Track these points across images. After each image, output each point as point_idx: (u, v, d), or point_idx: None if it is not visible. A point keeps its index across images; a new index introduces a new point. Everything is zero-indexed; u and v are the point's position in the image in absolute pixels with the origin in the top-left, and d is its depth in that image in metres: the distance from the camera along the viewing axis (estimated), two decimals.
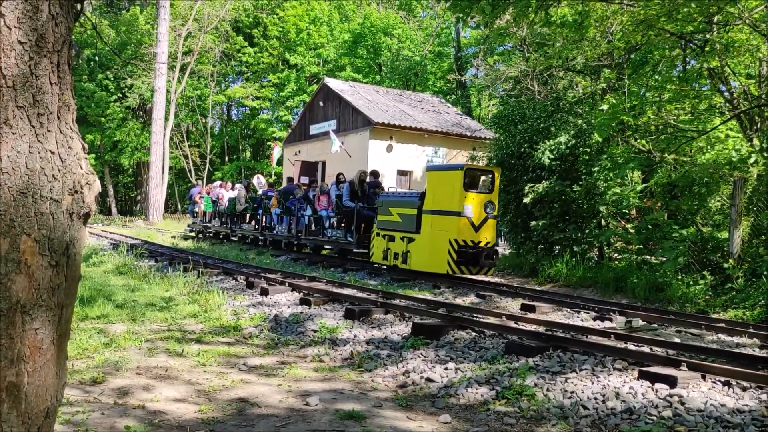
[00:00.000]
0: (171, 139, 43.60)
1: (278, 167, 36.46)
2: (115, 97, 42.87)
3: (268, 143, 44.54)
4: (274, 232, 18.79)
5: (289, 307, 8.68)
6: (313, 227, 16.80)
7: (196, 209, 25.80)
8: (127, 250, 14.66)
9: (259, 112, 47.03)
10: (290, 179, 21.86)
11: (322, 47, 43.37)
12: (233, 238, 21.54)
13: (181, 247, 19.43)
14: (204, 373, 5.44)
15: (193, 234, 24.97)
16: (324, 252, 16.59)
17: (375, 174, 16.24)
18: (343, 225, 15.62)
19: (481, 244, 11.57)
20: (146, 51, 40.85)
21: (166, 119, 39.09)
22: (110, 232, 26.07)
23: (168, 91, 39.33)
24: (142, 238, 22.67)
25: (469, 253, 11.44)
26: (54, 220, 1.82)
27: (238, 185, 23.94)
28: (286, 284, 10.12)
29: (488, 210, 11.69)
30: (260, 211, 19.92)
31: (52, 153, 1.82)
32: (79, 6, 2.04)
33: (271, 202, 19.21)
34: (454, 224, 11.44)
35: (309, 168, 25.80)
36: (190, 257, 13.31)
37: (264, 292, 9.65)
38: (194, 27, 41.57)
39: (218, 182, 27.35)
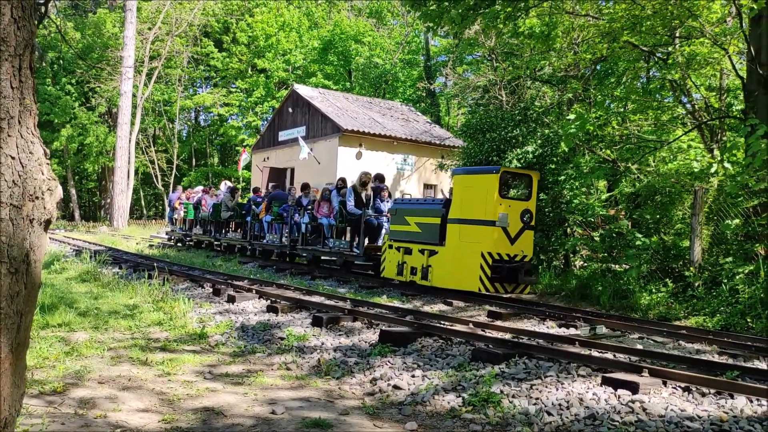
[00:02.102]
0: (137, 144, 43.00)
1: (246, 173, 36.21)
2: (79, 102, 42.10)
3: (237, 149, 44.21)
4: (265, 241, 17.39)
5: (256, 314, 8.61)
6: (309, 236, 15.58)
7: (175, 216, 24.02)
8: (91, 257, 14.40)
9: (227, 119, 46.65)
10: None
11: (290, 53, 43.26)
12: (217, 248, 20.09)
13: (147, 253, 19.14)
14: (169, 382, 5.36)
15: (171, 243, 23.52)
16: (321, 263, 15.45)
17: (380, 178, 14.66)
18: (345, 235, 14.49)
19: (518, 258, 10.26)
20: (113, 54, 40.26)
21: (132, 124, 38.55)
22: (73, 238, 25.57)
23: (134, 96, 38.81)
24: (106, 244, 22.30)
25: (506, 267, 10.05)
26: (14, 226, 1.78)
27: (222, 188, 22.42)
28: (254, 291, 10.05)
29: (525, 219, 10.38)
30: (248, 218, 18.36)
31: (13, 158, 1.79)
32: (43, 9, 2.01)
33: (260, 208, 17.89)
34: (488, 235, 10.07)
35: (277, 175, 25.67)
36: (155, 264, 13.13)
37: (231, 300, 9.56)
38: (162, 31, 41.13)
39: (200, 187, 25.73)
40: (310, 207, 15.70)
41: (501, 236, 10.15)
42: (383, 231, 13.22)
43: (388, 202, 13.89)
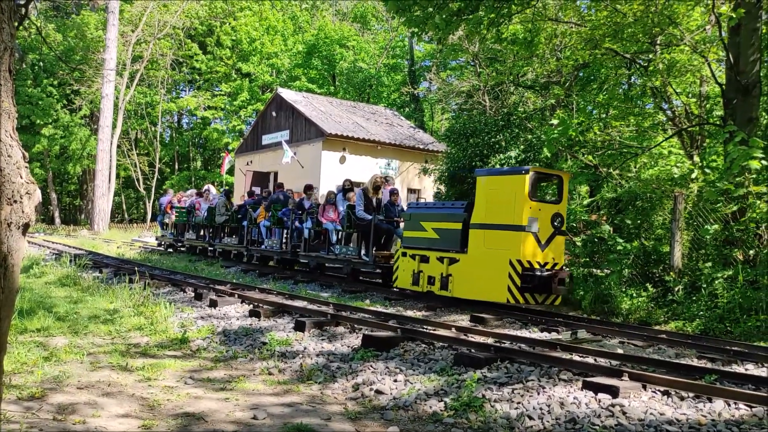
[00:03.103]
0: (119, 146, 42.66)
1: (229, 177, 36.04)
2: (61, 104, 41.67)
3: (220, 153, 44.01)
4: (263, 246, 16.42)
5: (238, 319, 8.56)
6: (312, 242, 14.70)
7: (166, 220, 22.89)
8: (70, 261, 14.25)
9: (210, 122, 46.42)
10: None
11: (275, 56, 43.17)
12: (211, 254, 19.23)
13: (128, 257, 18.97)
14: (149, 388, 5.31)
15: (161, 248, 22.71)
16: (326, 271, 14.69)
17: (392, 181, 13.91)
18: (352, 241, 13.75)
19: (548, 266, 9.45)
20: (94, 57, 39.93)
21: (114, 126, 38.25)
22: (53, 242, 25.28)
23: (116, 98, 38.52)
24: (87, 248, 22.07)
25: (537, 276, 9.22)
26: None
27: (211, 191, 21.81)
28: (236, 296, 9.99)
29: (556, 224, 9.58)
30: (244, 223, 17.41)
31: None
32: (23, 10, 2.00)
33: (258, 212, 16.99)
34: (516, 242, 9.26)
35: (261, 178, 25.59)
36: (136, 268, 13.02)
37: (213, 304, 9.50)
38: (145, 33, 40.87)
39: (193, 190, 24.85)
40: (312, 210, 14.92)
41: (531, 242, 9.32)
42: (394, 237, 12.61)
43: (399, 206, 13.25)
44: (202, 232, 20.10)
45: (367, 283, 13.21)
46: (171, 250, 21.70)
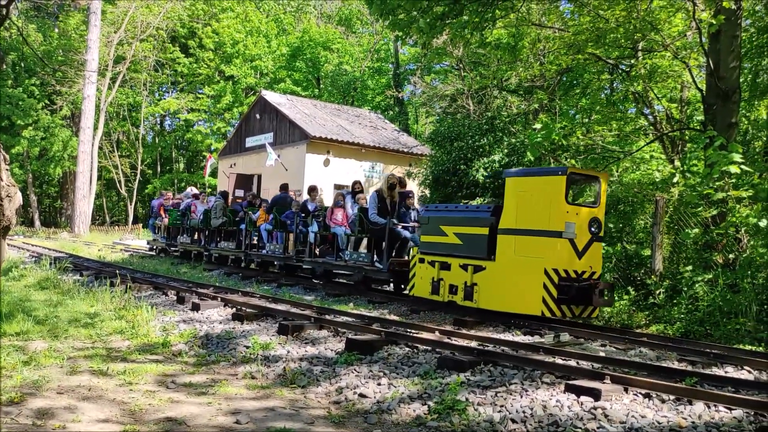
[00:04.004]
0: (100, 148, 42.27)
1: (212, 179, 35.85)
2: (42, 104, 41.21)
3: (203, 155, 43.75)
4: (264, 251, 15.35)
5: (221, 322, 8.51)
6: (318, 247, 13.83)
7: (158, 223, 21.56)
8: (50, 264, 14.08)
9: (194, 124, 46.13)
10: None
11: (259, 59, 43.02)
12: (206, 259, 17.92)
13: (109, 260, 18.78)
14: (130, 392, 5.26)
15: (153, 253, 21.50)
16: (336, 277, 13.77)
17: (404, 183, 12.92)
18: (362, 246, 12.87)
19: (586, 275, 8.71)
20: (76, 57, 39.55)
21: (96, 128, 37.90)
22: (32, 245, 24.99)
23: (98, 99, 38.17)
24: (67, 251, 21.84)
25: (575, 287, 8.52)
26: None
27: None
28: (219, 299, 9.93)
29: (593, 229, 8.83)
30: (242, 226, 16.32)
31: None
32: (4, 11, 1.97)
33: (258, 214, 16.01)
34: (552, 248, 8.50)
35: (244, 181, 25.48)
36: (117, 271, 12.90)
37: (195, 308, 9.42)
38: (128, 35, 40.57)
39: (192, 190, 23.01)
40: (318, 213, 14.05)
41: (568, 250, 8.56)
42: (410, 243, 11.78)
43: (414, 210, 12.43)
44: (196, 236, 19.10)
45: (346, 286, 13.15)
46: (163, 255, 20.65)
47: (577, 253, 8.65)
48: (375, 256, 12.00)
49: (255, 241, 16.23)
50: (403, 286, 11.88)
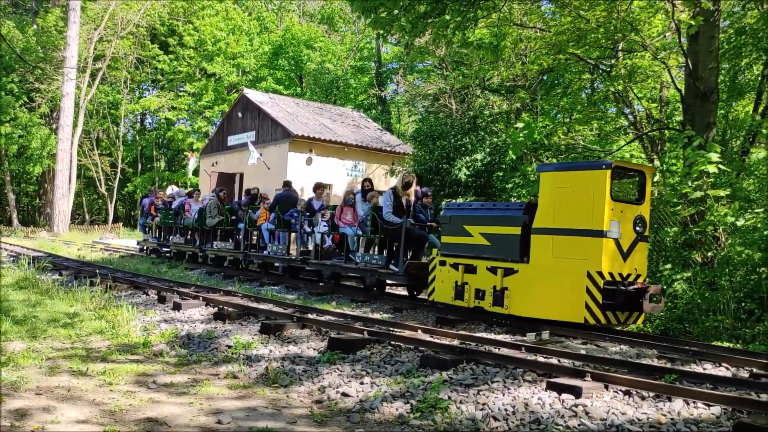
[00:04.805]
0: (80, 146, 41.79)
1: (194, 178, 35.59)
2: (20, 102, 40.62)
3: (185, 153, 43.39)
4: (265, 252, 14.41)
5: (202, 322, 8.46)
6: (325, 248, 12.91)
7: (150, 222, 20.52)
8: (29, 263, 13.89)
9: (174, 123, 45.74)
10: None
11: (241, 57, 42.77)
12: (201, 260, 17.20)
13: (89, 260, 18.58)
14: (110, 393, 5.21)
15: (142, 254, 20.57)
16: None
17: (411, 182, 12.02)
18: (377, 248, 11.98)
19: (631, 278, 8.04)
20: (55, 54, 39.04)
21: (75, 126, 37.44)
22: (10, 244, 24.64)
23: (77, 97, 37.71)
24: (46, 250, 21.57)
25: (622, 291, 7.80)
26: None
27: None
28: (200, 298, 9.87)
29: (638, 228, 8.14)
30: (240, 225, 15.52)
31: None
32: None
33: (258, 213, 15.18)
34: (596, 250, 7.78)
35: (226, 180, 25.33)
36: (97, 271, 12.77)
37: (176, 307, 9.36)
38: (108, 32, 40.12)
39: (173, 188, 22.55)
40: (323, 212, 13.37)
41: (613, 251, 7.88)
42: (427, 245, 11.27)
43: (431, 209, 11.81)
44: (191, 236, 18.00)
45: (344, 287, 13.11)
46: (154, 255, 19.71)
47: (621, 254, 7.98)
48: (389, 257, 11.15)
49: (254, 241, 15.33)
50: (415, 292, 11.55)
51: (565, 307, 7.95)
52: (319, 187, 14.29)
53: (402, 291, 12.58)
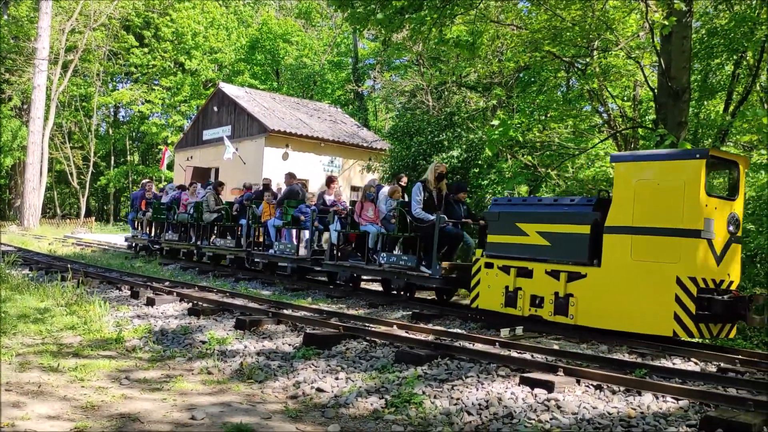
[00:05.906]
0: (51, 139, 41.07)
1: (169, 172, 35.24)
2: None
3: (159, 147, 42.90)
4: (271, 251, 13.31)
5: (176, 317, 8.39)
6: (336, 249, 11.57)
7: (140, 218, 19.28)
8: None
9: (149, 116, 45.17)
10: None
11: (219, 51, 42.38)
12: (197, 259, 16.17)
13: (60, 254, 18.30)
14: (82, 389, 5.15)
15: (131, 252, 19.31)
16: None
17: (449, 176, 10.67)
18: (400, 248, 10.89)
19: (724, 285, 7.04)
20: (26, 45, 38.31)
21: (46, 118, 36.79)
22: None
23: (49, 89, 37.05)
24: (16, 244, 21.19)
25: (719, 301, 6.77)
26: None
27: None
28: (174, 294, 9.78)
29: (731, 228, 7.13)
30: (242, 221, 14.47)
31: None
32: None
33: (261, 208, 14.06)
34: (688, 252, 6.79)
35: (201, 174, 25.13)
36: (69, 266, 12.59)
37: (150, 302, 9.27)
38: (80, 23, 39.46)
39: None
40: (339, 208, 12.38)
41: (707, 253, 6.88)
42: (461, 245, 10.22)
43: (465, 205, 10.67)
44: (186, 232, 16.90)
45: (311, 281, 13.11)
46: (145, 253, 18.44)
47: (715, 257, 6.95)
48: (420, 258, 10.00)
49: (258, 239, 14.39)
50: (445, 296, 10.73)
51: (648, 319, 6.99)
52: (331, 181, 13.27)
53: (376, 286, 12.56)
